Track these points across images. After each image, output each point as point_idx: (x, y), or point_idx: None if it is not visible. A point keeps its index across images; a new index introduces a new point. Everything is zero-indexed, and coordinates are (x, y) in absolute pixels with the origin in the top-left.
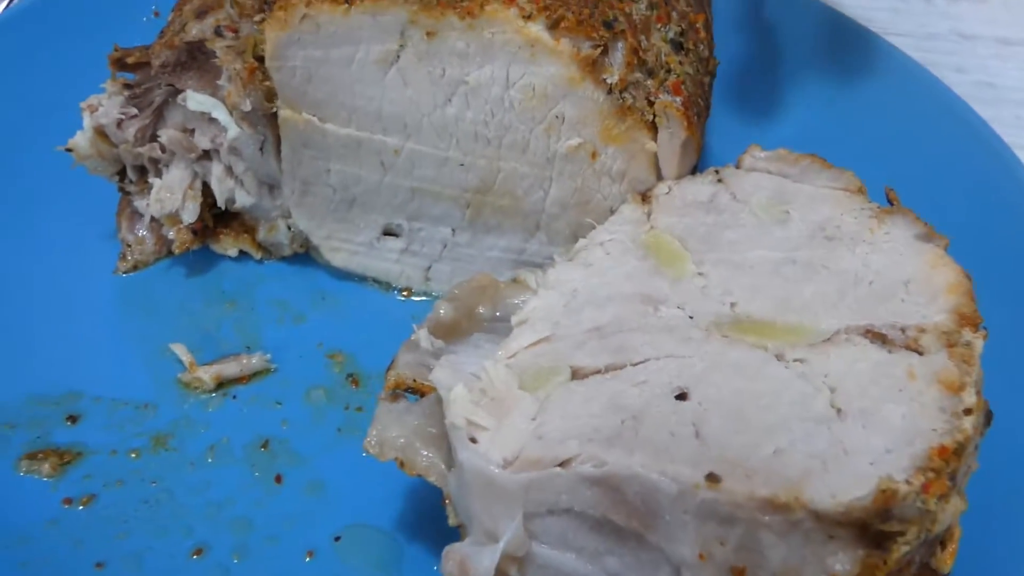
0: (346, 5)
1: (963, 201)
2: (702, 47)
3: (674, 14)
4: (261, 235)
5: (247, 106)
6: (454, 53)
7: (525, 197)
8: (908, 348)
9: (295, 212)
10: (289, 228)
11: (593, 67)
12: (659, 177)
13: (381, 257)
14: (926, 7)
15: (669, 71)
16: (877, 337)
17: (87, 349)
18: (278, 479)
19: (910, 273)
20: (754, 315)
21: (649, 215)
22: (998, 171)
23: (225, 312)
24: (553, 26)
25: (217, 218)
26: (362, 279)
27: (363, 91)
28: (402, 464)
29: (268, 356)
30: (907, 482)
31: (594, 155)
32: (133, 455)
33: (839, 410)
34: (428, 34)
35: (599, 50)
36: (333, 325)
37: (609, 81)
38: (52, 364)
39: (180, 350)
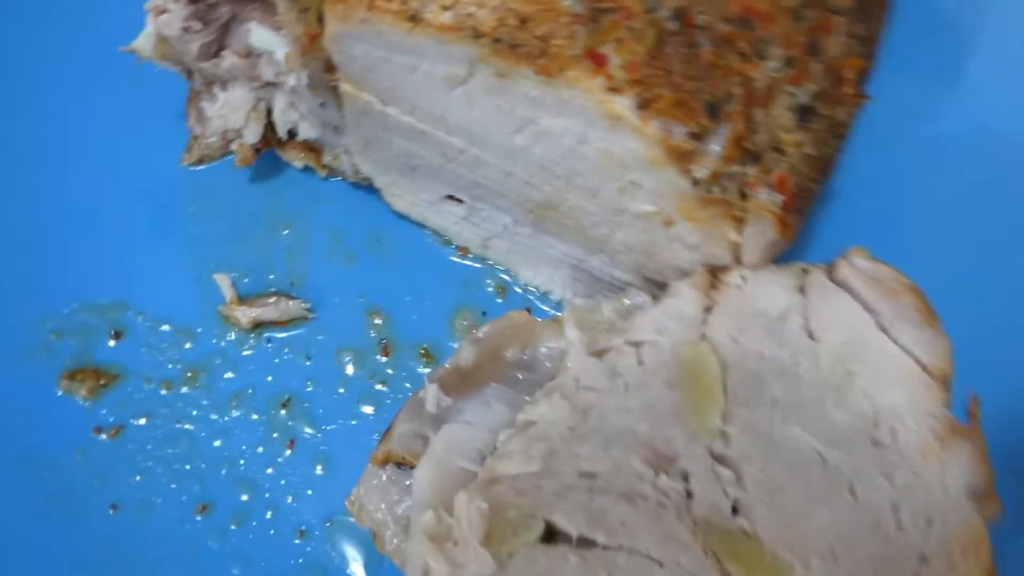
0: (410, 23)
1: None
2: (841, 109)
3: (816, 68)
4: (326, 159)
5: (304, 79)
6: (526, 97)
7: (591, 228)
8: None
9: (358, 158)
10: (353, 163)
11: (681, 157)
12: (737, 260)
13: (442, 216)
14: None
15: (781, 153)
16: None
17: (141, 256)
18: (291, 444)
19: (937, 546)
20: (751, 531)
21: (708, 311)
22: None
23: (279, 238)
24: (643, 105)
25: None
26: (422, 226)
27: (427, 96)
28: (375, 536)
29: (307, 305)
30: None
31: (668, 223)
32: (164, 388)
33: None
34: (499, 75)
35: (694, 140)
36: (381, 276)
37: (697, 175)
38: (105, 269)
39: (223, 283)
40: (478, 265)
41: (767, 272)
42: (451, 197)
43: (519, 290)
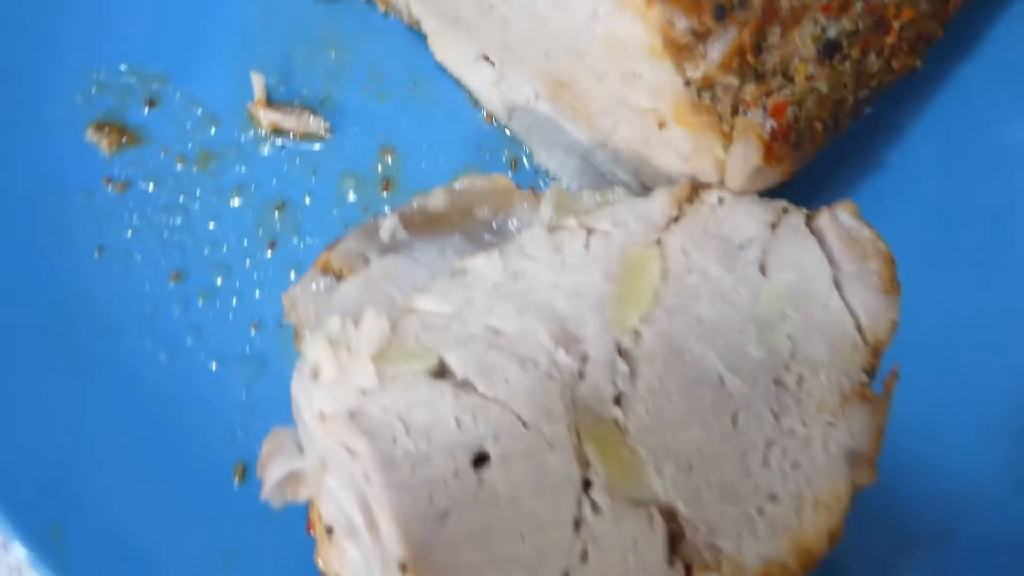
0: None
1: None
2: (874, 56)
3: (858, 5)
4: None
5: None
6: None
7: (597, 116)
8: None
9: None
10: (408, 2)
11: (679, 52)
12: (723, 183)
13: (476, 76)
14: None
15: (789, 81)
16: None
17: (196, 38)
18: (272, 245)
19: (792, 491)
20: (622, 424)
21: (675, 221)
22: None
23: (325, 58)
24: None
25: None
26: (458, 83)
27: None
28: (296, 334)
29: (328, 125)
30: None
31: (662, 124)
32: (179, 162)
33: None
34: None
35: (695, 37)
36: (405, 118)
37: (690, 74)
38: (161, 40)
39: (257, 81)
40: (500, 135)
41: (746, 201)
42: (486, 59)
43: (530, 169)
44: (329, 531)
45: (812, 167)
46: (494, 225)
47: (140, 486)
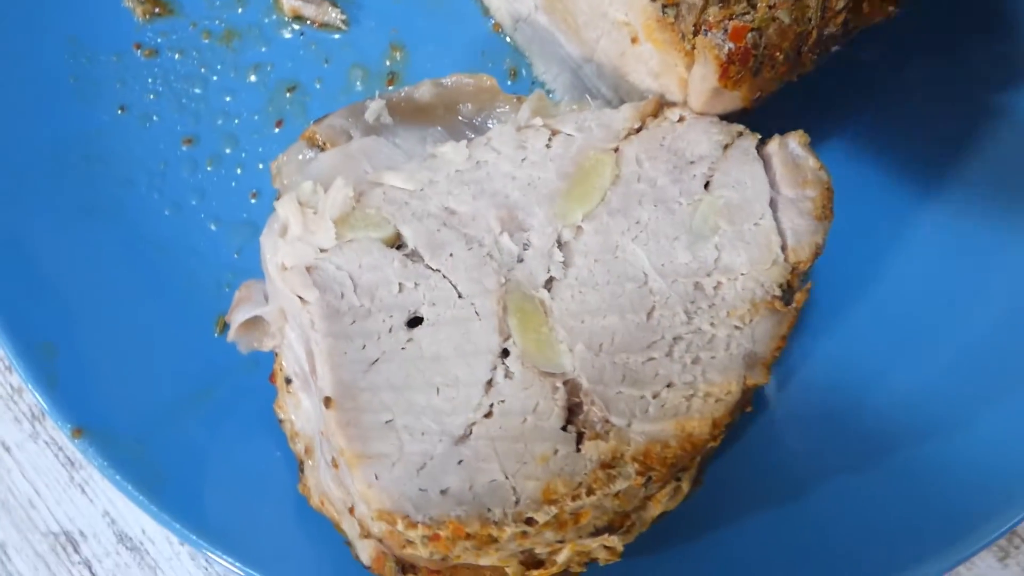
0: None
1: None
2: None
3: None
4: None
5: None
6: None
7: (583, 29)
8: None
9: None
10: None
11: None
12: (686, 102)
13: None
14: None
15: (752, 7)
16: None
17: None
18: (279, 124)
19: (687, 381)
20: (547, 305)
21: (636, 132)
22: None
23: None
24: None
25: None
26: None
27: None
28: (277, 198)
29: (345, 17)
30: None
31: (634, 40)
32: (204, 36)
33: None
34: None
35: None
36: (418, 19)
37: None
38: None
39: None
40: (504, 44)
41: (705, 121)
42: None
43: (528, 80)
44: (288, 381)
45: (781, 102)
46: (475, 122)
47: (130, 322)
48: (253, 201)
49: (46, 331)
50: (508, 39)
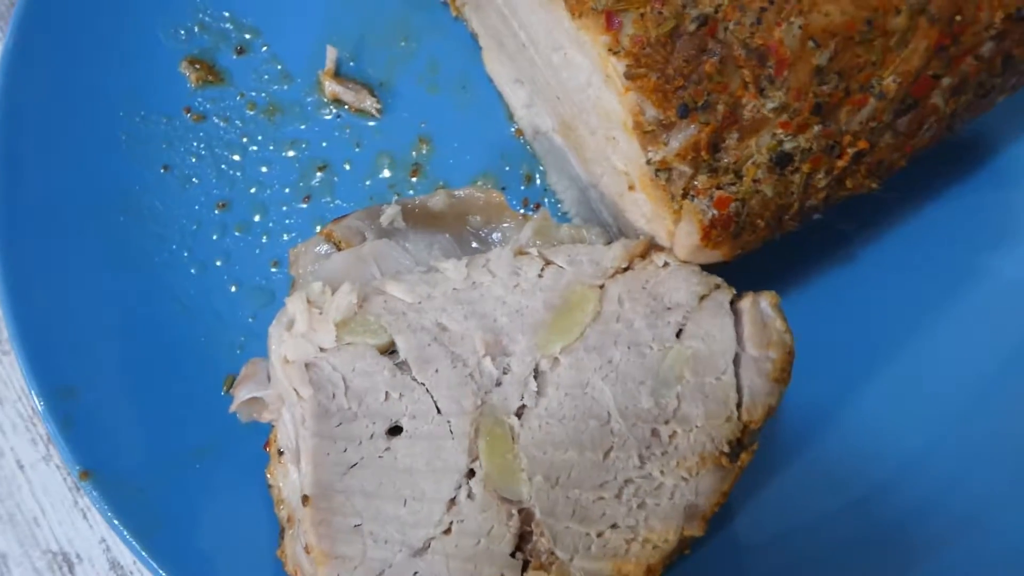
0: None
1: None
2: (823, 174)
3: (815, 128)
4: (459, 1)
5: None
6: (563, 25)
7: (590, 162)
8: None
9: (470, 13)
10: (469, 17)
11: (644, 135)
12: (671, 249)
13: (513, 94)
14: None
15: (738, 179)
16: None
17: (289, 5)
18: (306, 199)
19: (632, 523)
20: (515, 432)
21: (623, 271)
22: None
23: (395, 45)
24: (631, 77)
25: None
26: (500, 96)
27: None
28: (292, 285)
29: (380, 106)
30: None
31: (631, 187)
32: (249, 108)
33: None
34: None
35: (660, 126)
36: (447, 114)
37: (651, 155)
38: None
39: (331, 54)
40: (523, 150)
41: (687, 270)
42: (522, 83)
43: (540, 187)
44: (280, 453)
45: (762, 253)
46: (482, 234)
47: (147, 373)
48: (273, 270)
49: (68, 374)
50: (527, 146)
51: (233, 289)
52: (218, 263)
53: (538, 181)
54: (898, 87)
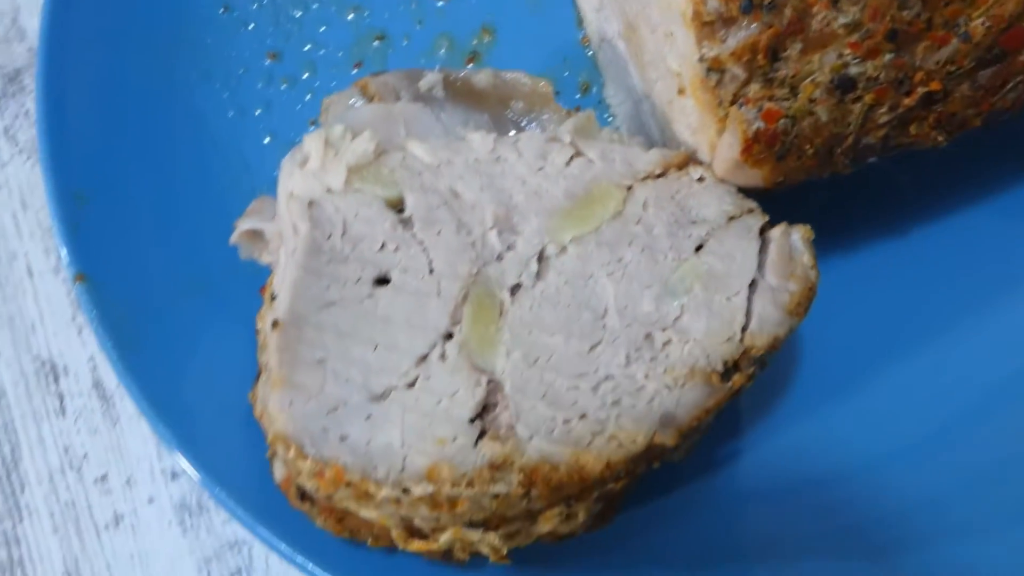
0: None
1: None
2: (887, 110)
3: (885, 57)
4: None
5: None
6: None
7: (648, 66)
8: None
9: None
10: None
11: (702, 27)
12: (711, 165)
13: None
14: None
15: (793, 95)
16: None
17: None
18: (357, 64)
19: (614, 423)
20: (504, 308)
21: (655, 177)
22: None
23: None
24: None
25: None
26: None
27: None
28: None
29: None
30: None
31: (681, 91)
32: None
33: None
34: None
35: (721, 20)
36: (519, 8)
37: (705, 51)
38: None
39: None
40: (586, 59)
41: (722, 188)
42: None
43: (596, 98)
44: (273, 297)
45: (807, 194)
46: (521, 122)
47: (160, 195)
48: (311, 128)
49: (83, 181)
50: (591, 54)
51: (267, 140)
52: (257, 112)
53: (595, 92)
54: (987, 32)
